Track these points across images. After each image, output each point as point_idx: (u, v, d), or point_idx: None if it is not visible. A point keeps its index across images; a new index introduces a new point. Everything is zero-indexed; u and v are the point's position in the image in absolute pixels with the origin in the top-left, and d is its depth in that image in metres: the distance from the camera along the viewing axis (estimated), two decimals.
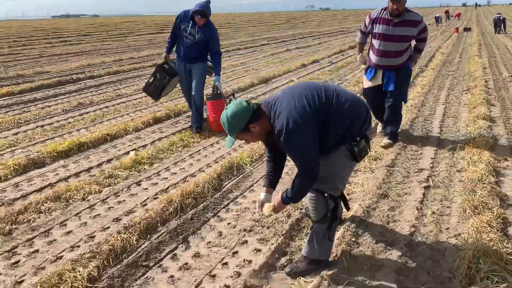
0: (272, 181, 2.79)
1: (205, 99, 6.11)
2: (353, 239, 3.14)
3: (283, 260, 2.98)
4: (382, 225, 3.36)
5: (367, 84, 5.25)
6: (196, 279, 2.78)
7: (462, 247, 2.84)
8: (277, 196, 2.67)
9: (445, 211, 3.55)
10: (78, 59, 14.95)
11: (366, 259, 2.91)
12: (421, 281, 2.68)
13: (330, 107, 2.47)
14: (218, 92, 5.95)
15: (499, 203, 3.51)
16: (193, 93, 5.91)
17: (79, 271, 2.76)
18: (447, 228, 3.29)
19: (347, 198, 3.25)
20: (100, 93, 9.02)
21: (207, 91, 7.36)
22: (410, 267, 2.82)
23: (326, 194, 2.61)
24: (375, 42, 5.01)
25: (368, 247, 3.06)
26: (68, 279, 2.68)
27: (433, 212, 3.53)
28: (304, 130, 2.37)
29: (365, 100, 3.18)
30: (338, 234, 3.19)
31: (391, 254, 2.96)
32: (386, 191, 3.94)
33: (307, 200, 2.73)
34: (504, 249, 2.74)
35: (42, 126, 6.49)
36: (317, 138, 2.44)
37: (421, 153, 5.00)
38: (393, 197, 3.84)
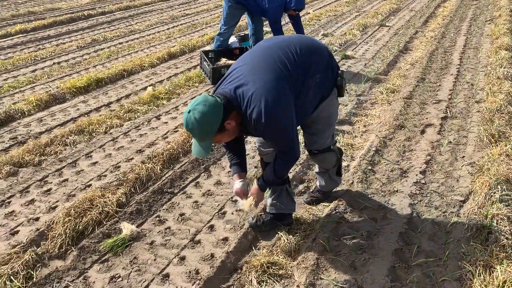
0: (241, 166, 2.49)
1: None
2: (369, 167, 3.22)
3: (300, 187, 3.11)
4: (398, 154, 3.43)
5: None
6: (218, 204, 2.94)
7: (477, 173, 2.91)
8: (253, 187, 2.42)
9: (461, 141, 3.58)
10: None
11: (381, 185, 3.02)
12: (434, 205, 2.78)
13: (298, 66, 2.18)
14: None
15: None
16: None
17: (109, 197, 2.93)
18: (463, 157, 3.34)
19: (364, 130, 3.29)
20: (113, 30, 8.90)
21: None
22: (424, 192, 2.92)
23: (332, 147, 2.59)
24: None
25: (384, 175, 3.15)
26: (98, 204, 2.86)
27: (450, 142, 3.57)
28: (282, 107, 2.09)
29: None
30: (354, 163, 3.28)
31: (406, 180, 3.05)
32: (403, 122, 3.96)
33: (315, 161, 2.73)
34: None
35: (58, 63, 6.52)
36: (309, 90, 2.23)
37: (439, 85, 4.93)
38: (409, 127, 3.87)
